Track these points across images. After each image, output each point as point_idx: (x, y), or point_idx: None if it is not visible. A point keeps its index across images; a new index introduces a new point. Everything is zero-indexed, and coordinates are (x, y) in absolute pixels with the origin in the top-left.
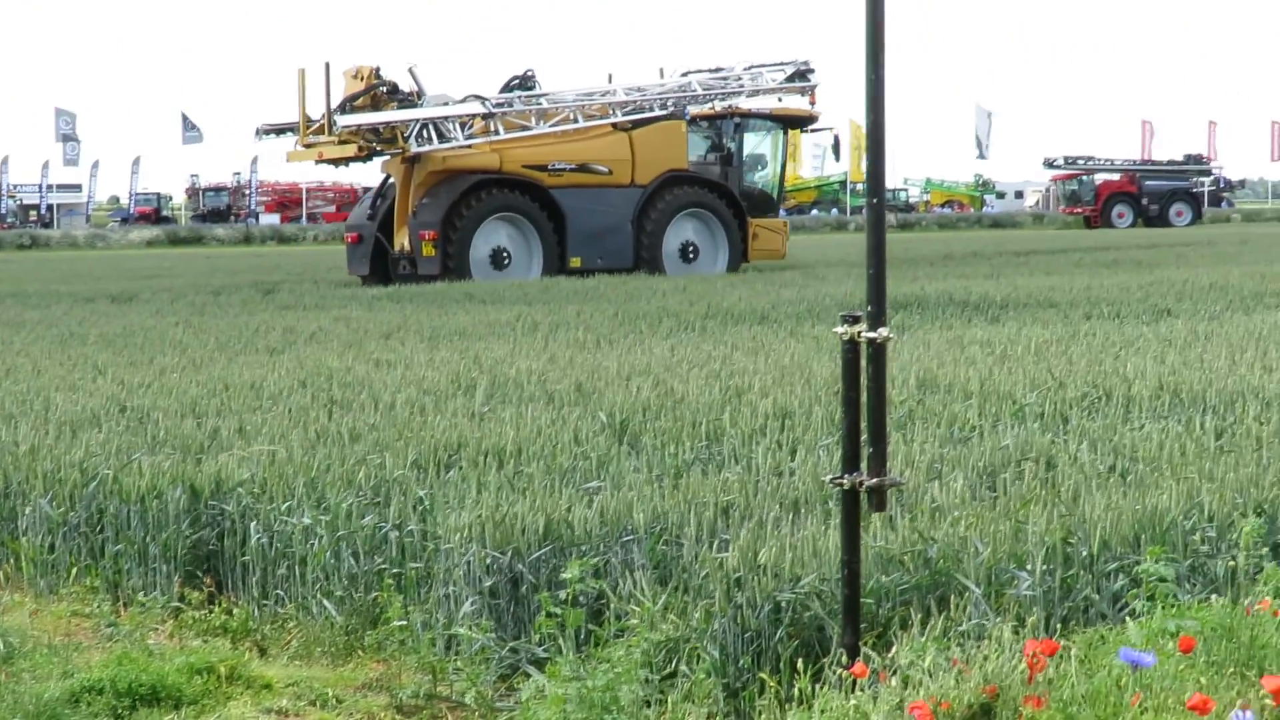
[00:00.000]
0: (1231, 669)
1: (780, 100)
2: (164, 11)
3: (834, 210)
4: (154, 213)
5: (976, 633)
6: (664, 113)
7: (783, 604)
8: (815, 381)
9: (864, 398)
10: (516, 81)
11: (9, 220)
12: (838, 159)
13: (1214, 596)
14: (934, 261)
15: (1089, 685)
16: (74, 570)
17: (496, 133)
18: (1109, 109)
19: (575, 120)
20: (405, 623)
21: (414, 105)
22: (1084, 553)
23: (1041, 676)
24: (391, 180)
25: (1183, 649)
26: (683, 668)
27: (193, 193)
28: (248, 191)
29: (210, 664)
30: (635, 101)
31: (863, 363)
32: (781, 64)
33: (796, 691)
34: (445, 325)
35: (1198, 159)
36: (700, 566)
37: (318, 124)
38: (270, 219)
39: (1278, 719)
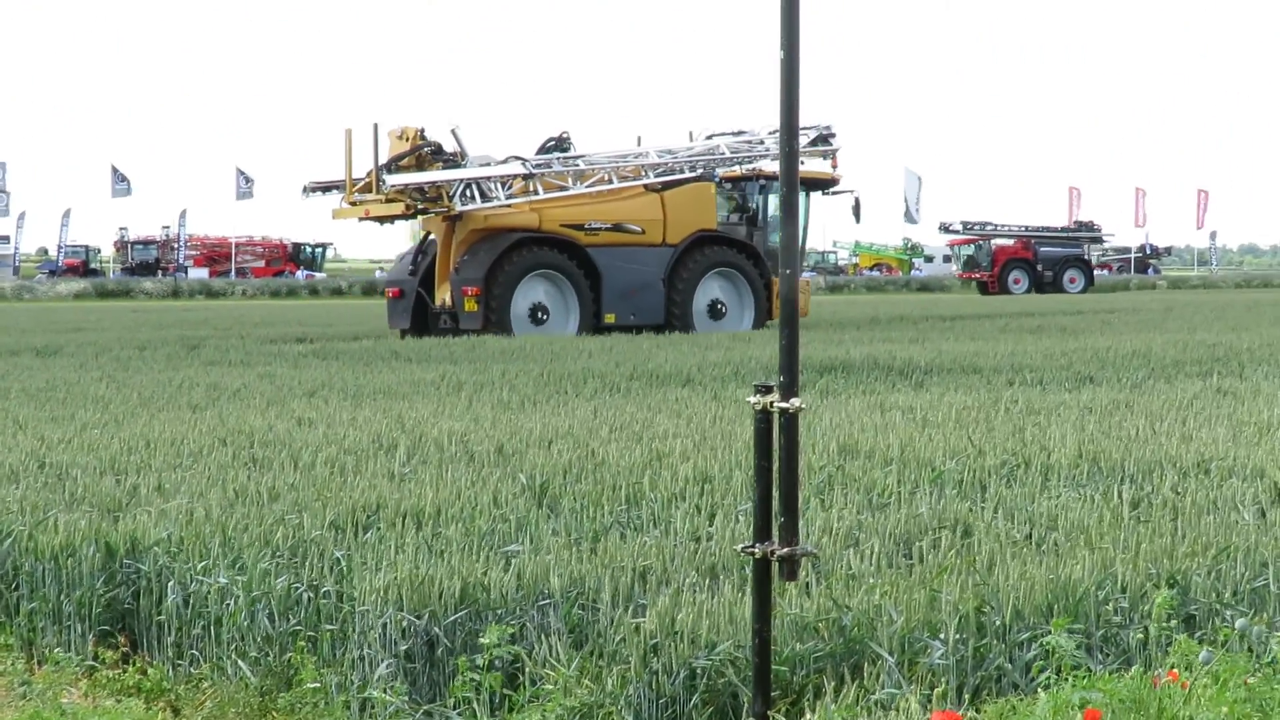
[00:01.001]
0: None
1: (803, 163)
2: (93, 63)
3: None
4: (82, 265)
5: (889, 702)
6: (694, 175)
7: (698, 670)
8: (736, 445)
9: (776, 466)
10: (552, 143)
11: None
12: (858, 221)
13: (1130, 667)
14: (860, 325)
15: None
16: None
17: (536, 193)
18: (1039, 174)
19: (610, 181)
20: (319, 685)
21: (458, 165)
22: (997, 622)
23: None
24: (432, 237)
25: None
26: None
27: (121, 246)
28: (176, 245)
29: None
30: (666, 164)
31: (775, 432)
32: (804, 129)
33: None
34: (370, 383)
35: (1089, 225)
36: (616, 631)
37: (363, 182)
38: (199, 273)
39: None
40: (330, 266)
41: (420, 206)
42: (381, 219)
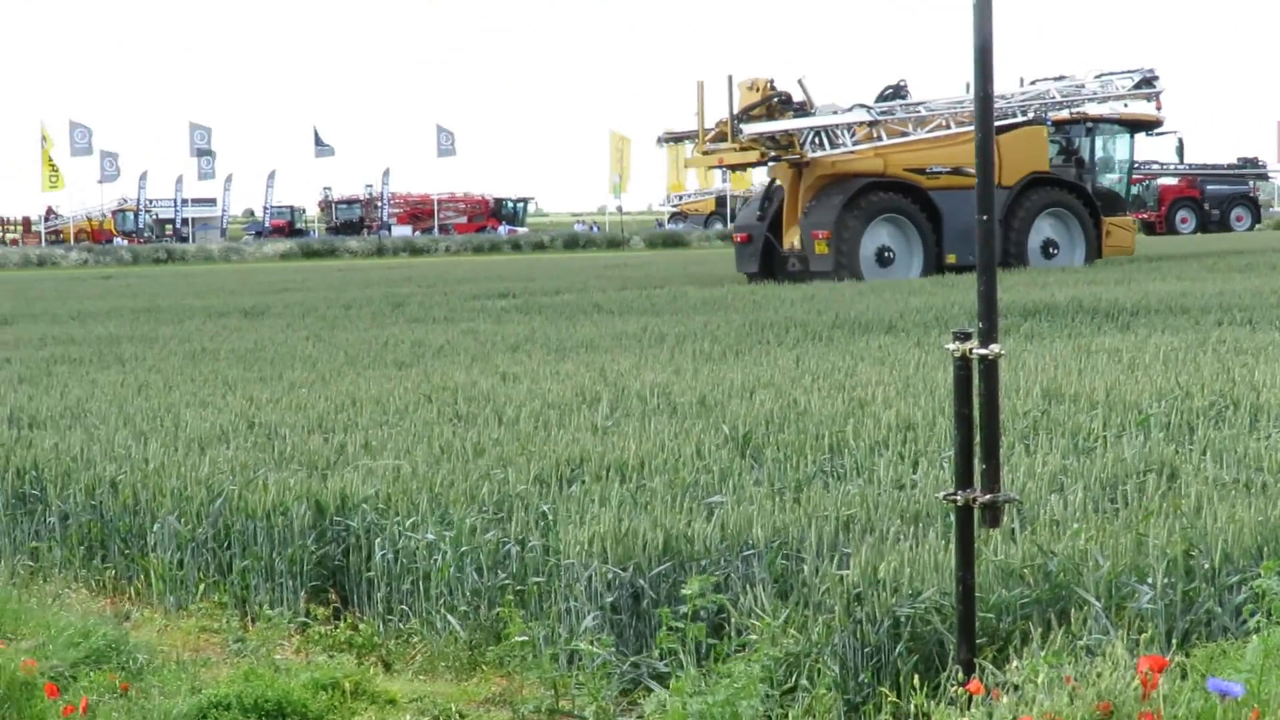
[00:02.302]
0: None
1: (1126, 106)
2: (295, 29)
3: None
4: (288, 226)
5: (1096, 647)
6: (1025, 119)
7: (902, 619)
8: (939, 392)
9: (976, 413)
10: (890, 90)
11: (146, 235)
12: (1181, 161)
13: None
14: (1065, 268)
15: (1205, 702)
16: (202, 586)
17: (879, 139)
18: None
19: (947, 126)
20: (527, 638)
21: (807, 114)
22: (1206, 565)
23: (1156, 693)
24: (778, 184)
25: None
26: (803, 682)
27: (325, 205)
28: (379, 203)
29: (335, 679)
30: (1000, 109)
31: (974, 379)
32: (1129, 72)
33: (913, 707)
34: (572, 337)
35: (1253, 162)
36: (820, 581)
37: (714, 132)
38: (402, 231)
39: None
40: (532, 221)
41: (773, 154)
42: (735, 166)
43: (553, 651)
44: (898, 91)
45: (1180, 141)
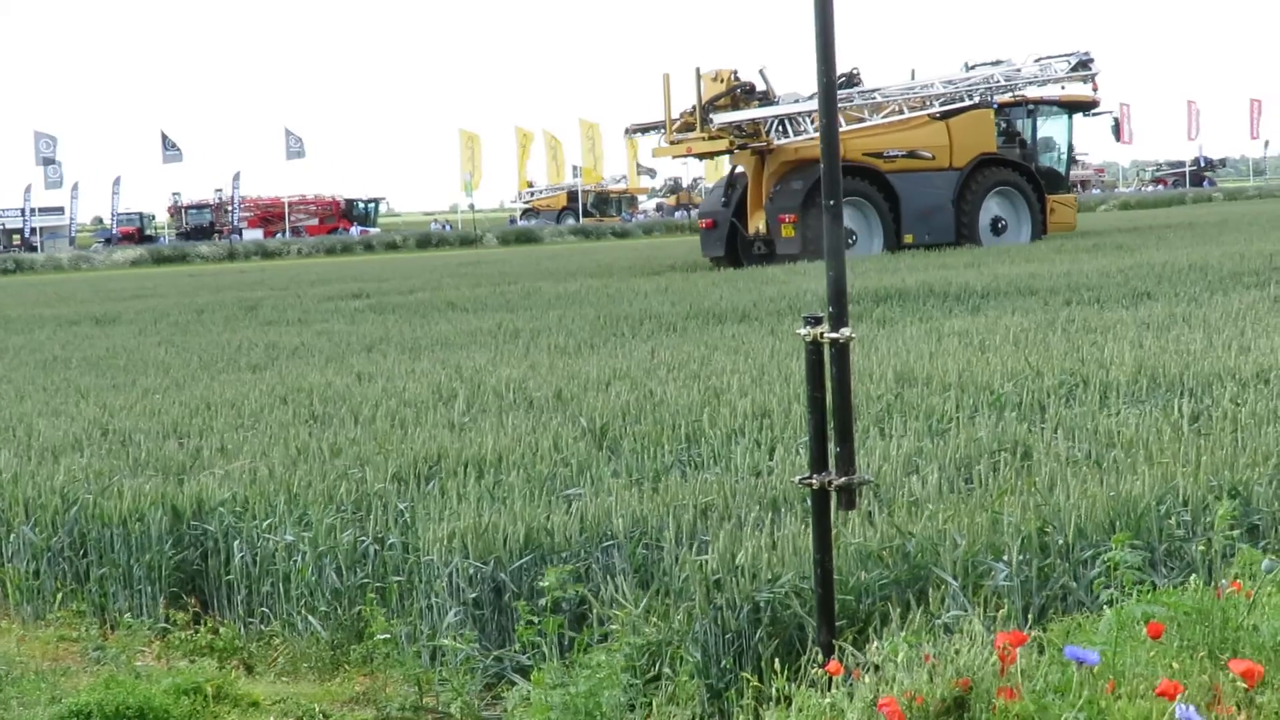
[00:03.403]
0: (1204, 652)
1: (1063, 88)
2: (140, 33)
3: None
4: (137, 232)
5: (955, 625)
6: (973, 103)
7: (762, 604)
8: (794, 379)
9: (829, 397)
10: (843, 79)
11: None
12: (1118, 140)
13: (1191, 579)
14: (913, 254)
15: (1062, 675)
16: (60, 595)
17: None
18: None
19: (901, 111)
20: (390, 636)
21: (771, 103)
22: (1060, 541)
23: (1014, 668)
24: (740, 171)
25: (1151, 635)
26: (665, 670)
27: (175, 211)
28: (230, 207)
29: (197, 684)
30: (949, 93)
31: (826, 363)
32: (1066, 55)
33: (774, 691)
34: (427, 335)
35: None
36: (680, 569)
37: (680, 122)
38: (254, 234)
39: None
40: (384, 221)
41: (740, 142)
42: (703, 155)
43: (416, 649)
44: (850, 79)
45: (1115, 121)
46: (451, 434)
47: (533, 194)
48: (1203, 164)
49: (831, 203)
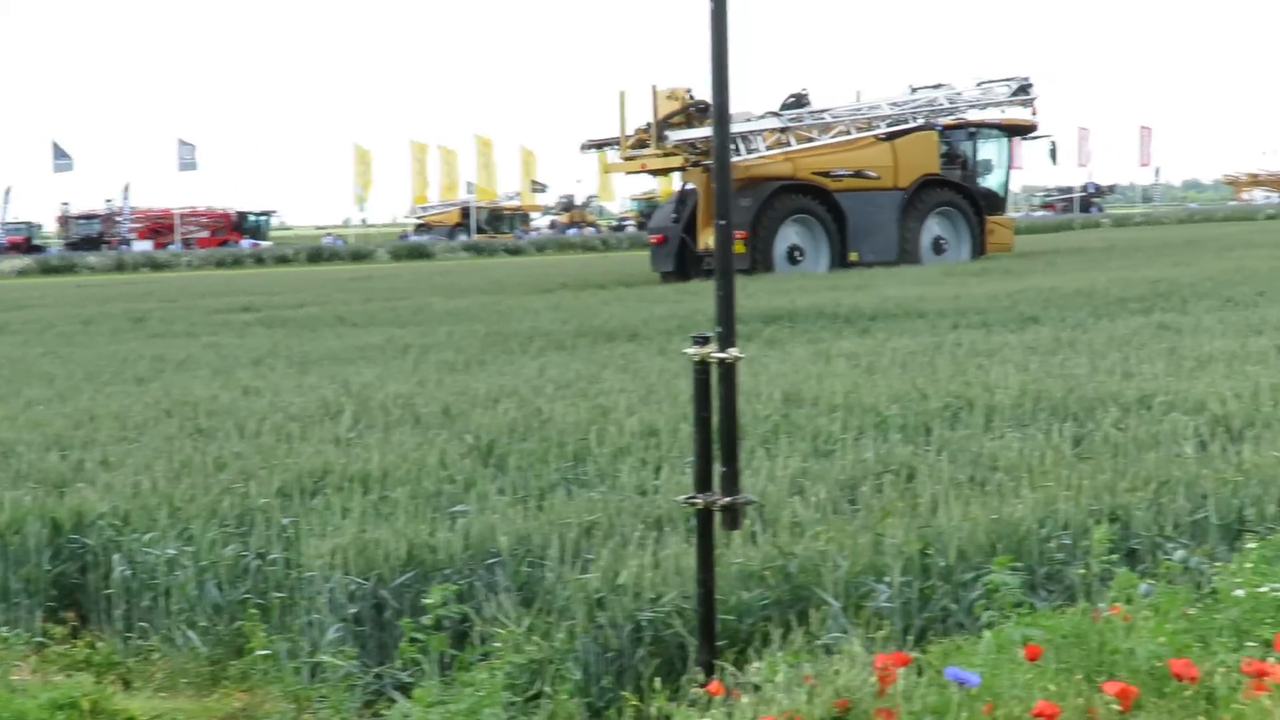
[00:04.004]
0: (1081, 675)
1: (1004, 112)
2: (32, 40)
3: None
4: (25, 242)
5: (835, 646)
6: (917, 125)
7: (644, 623)
8: (682, 398)
9: (716, 417)
10: (793, 99)
11: None
12: (1055, 163)
13: (1072, 602)
14: (804, 275)
15: (941, 696)
16: None
17: (788, 144)
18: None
19: (849, 132)
20: (269, 652)
21: None
22: (942, 563)
23: (893, 689)
24: (691, 187)
25: (1029, 657)
26: (546, 689)
27: (64, 221)
28: (119, 218)
29: (73, 699)
30: (894, 115)
31: (713, 383)
32: (1007, 79)
33: (654, 710)
34: (315, 350)
35: None
36: (563, 588)
37: (634, 138)
38: (143, 245)
39: None
40: (275, 234)
41: (694, 159)
42: (658, 171)
43: (295, 665)
44: (799, 100)
45: (1054, 145)
46: (337, 449)
47: (425, 209)
48: (1091, 190)
49: (723, 222)
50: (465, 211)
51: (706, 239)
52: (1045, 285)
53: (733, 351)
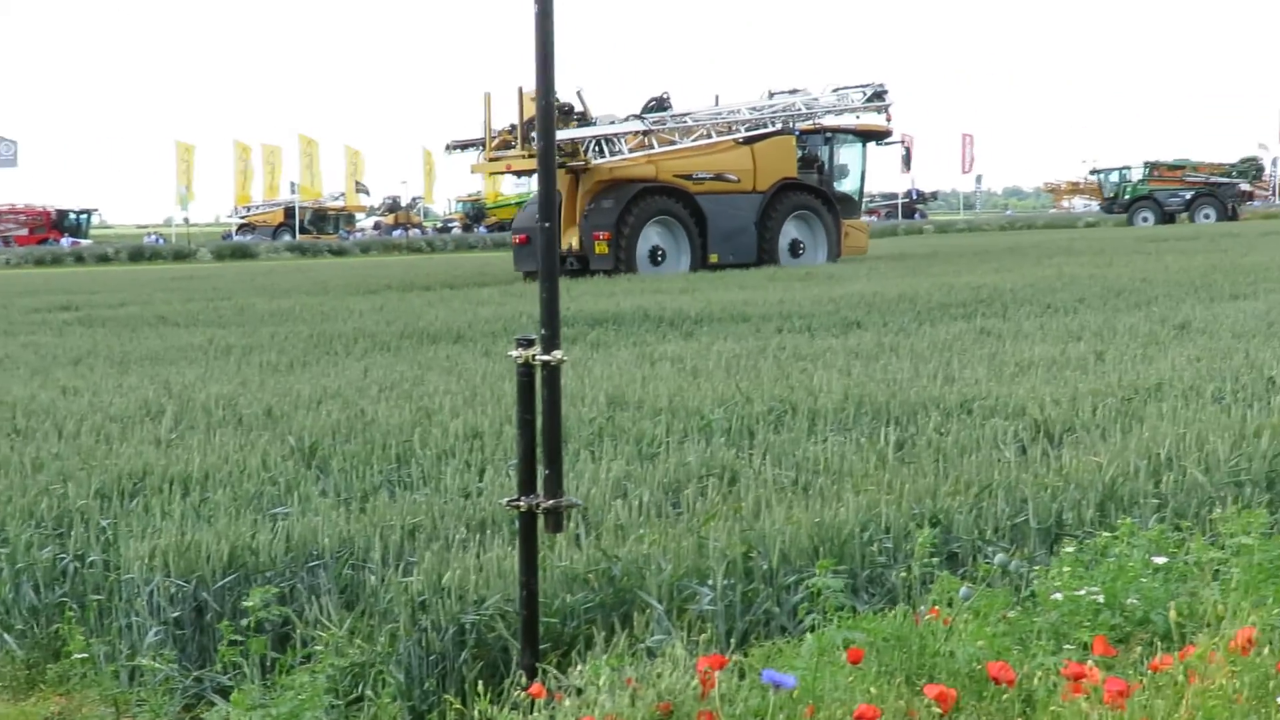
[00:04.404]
0: (901, 678)
1: (859, 117)
2: None
3: None
4: None
5: (658, 648)
6: (775, 129)
7: (467, 626)
8: (506, 401)
9: (539, 420)
10: (654, 103)
11: None
12: (908, 169)
13: (894, 605)
14: (629, 277)
15: (762, 699)
16: None
17: (651, 147)
18: None
19: (709, 135)
20: (87, 655)
21: (589, 124)
22: (765, 566)
23: (714, 692)
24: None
25: (851, 660)
26: (368, 692)
27: None
28: None
29: None
30: (754, 120)
31: (537, 385)
32: (862, 86)
33: (477, 713)
34: (136, 350)
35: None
36: (386, 590)
37: (498, 140)
38: None
39: None
40: (96, 233)
41: (559, 161)
42: (521, 173)
43: (114, 668)
44: (661, 104)
45: (907, 150)
46: (158, 450)
47: (249, 209)
48: (915, 196)
49: (546, 224)
50: (289, 211)
51: (570, 239)
52: (869, 290)
53: (557, 354)
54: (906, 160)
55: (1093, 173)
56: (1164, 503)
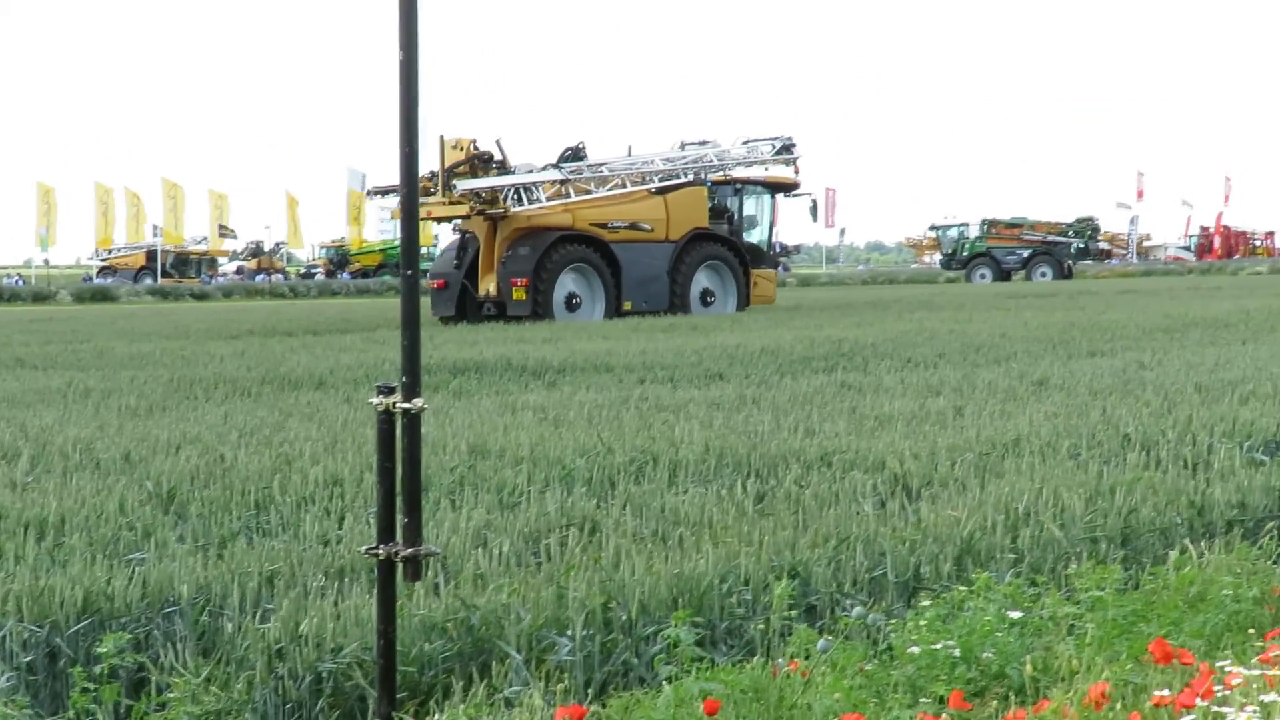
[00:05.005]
0: None
1: (767, 169)
2: None
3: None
4: None
5: (516, 699)
6: (688, 180)
7: (324, 674)
8: (367, 448)
9: (400, 467)
10: (570, 152)
11: None
12: (815, 220)
13: (752, 657)
14: (492, 326)
15: None
16: None
17: (568, 196)
18: None
19: (624, 185)
20: None
21: (508, 172)
22: (624, 617)
23: None
24: (471, 234)
25: (708, 712)
26: None
27: None
28: None
29: None
30: (667, 170)
31: (398, 433)
32: (771, 139)
33: None
34: None
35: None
36: (243, 638)
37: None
38: None
39: None
40: None
41: (480, 208)
42: (442, 219)
43: None
44: (576, 153)
45: (814, 203)
46: (13, 494)
47: (110, 252)
48: (779, 249)
49: (409, 272)
50: (151, 254)
51: (487, 285)
52: (732, 342)
53: (417, 402)
54: (814, 212)
55: (932, 229)
56: (1020, 557)
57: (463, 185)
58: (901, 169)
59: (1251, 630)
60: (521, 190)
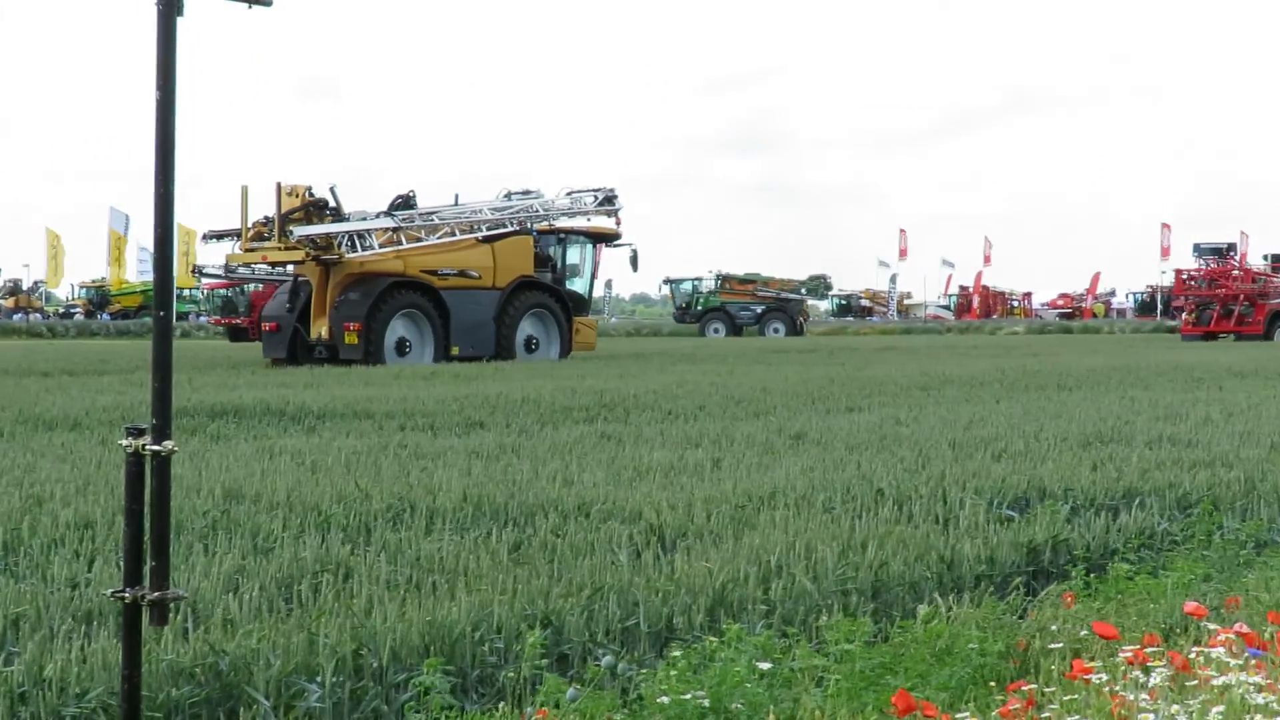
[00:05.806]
0: None
1: (590, 220)
2: None
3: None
4: None
5: None
6: (514, 229)
7: (68, 718)
8: (120, 490)
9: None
10: (400, 200)
11: None
12: (635, 270)
13: (499, 706)
14: (254, 369)
15: None
16: None
17: (400, 243)
18: None
19: (454, 234)
20: None
21: (342, 219)
22: (375, 664)
23: None
24: (304, 279)
25: None
26: None
27: None
28: None
29: None
30: (494, 220)
31: (147, 475)
32: (594, 190)
33: None
34: None
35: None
36: None
37: (253, 231)
38: None
39: None
40: None
41: (314, 254)
42: (277, 263)
43: None
44: (407, 201)
45: (634, 253)
46: None
47: None
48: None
49: (161, 314)
50: None
51: (319, 328)
52: (493, 391)
53: (167, 444)
54: (634, 262)
55: (666, 282)
56: (773, 609)
57: (299, 231)
58: (670, 221)
59: (993, 683)
60: (355, 237)
